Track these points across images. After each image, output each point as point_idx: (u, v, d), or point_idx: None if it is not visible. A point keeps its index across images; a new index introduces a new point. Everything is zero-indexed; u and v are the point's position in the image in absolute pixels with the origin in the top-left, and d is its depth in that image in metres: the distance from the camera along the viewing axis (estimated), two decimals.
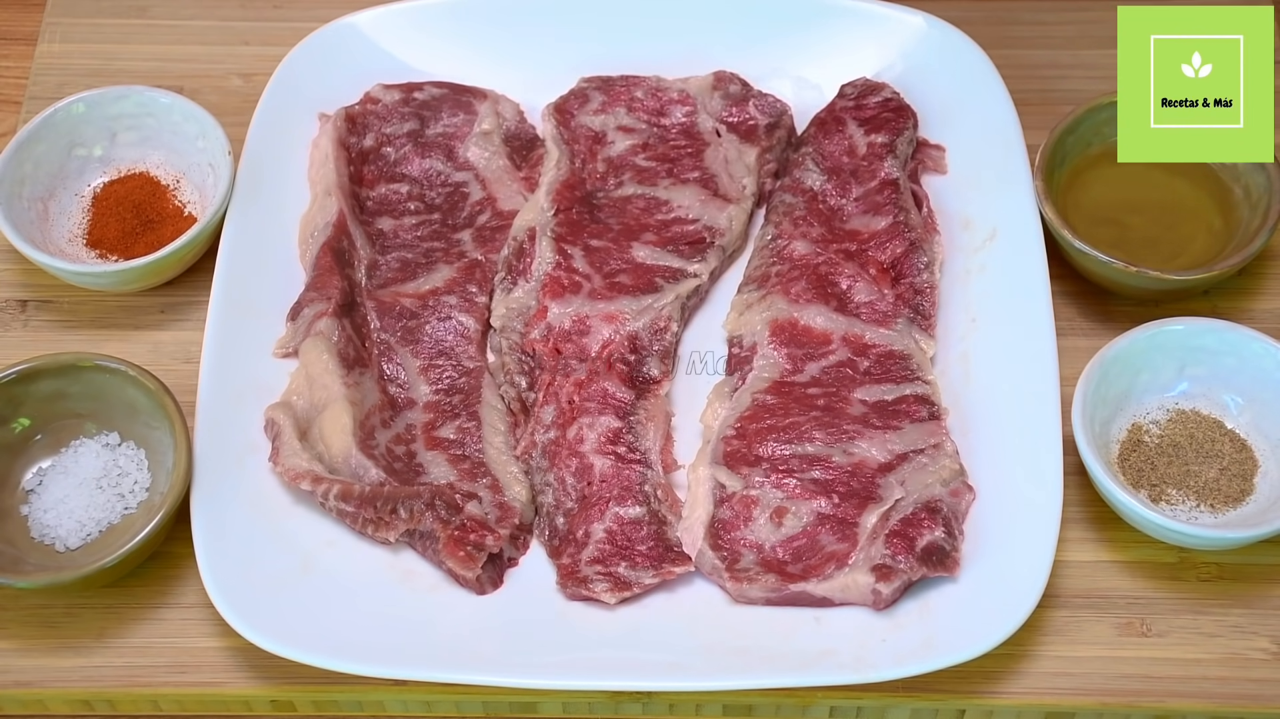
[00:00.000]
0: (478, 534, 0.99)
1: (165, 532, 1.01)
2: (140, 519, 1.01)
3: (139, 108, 1.16)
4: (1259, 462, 1.05)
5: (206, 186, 1.15)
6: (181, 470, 1.00)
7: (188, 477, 1.01)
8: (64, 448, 1.04)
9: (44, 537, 1.02)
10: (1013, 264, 1.09)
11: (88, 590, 1.02)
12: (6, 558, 1.00)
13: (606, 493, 1.02)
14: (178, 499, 1.00)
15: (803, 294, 1.09)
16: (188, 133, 1.15)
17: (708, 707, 1.02)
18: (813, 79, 1.19)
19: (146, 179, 1.16)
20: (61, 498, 1.02)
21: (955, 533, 1.00)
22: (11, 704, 1.01)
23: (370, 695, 1.00)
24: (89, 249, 1.14)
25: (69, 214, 1.15)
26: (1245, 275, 1.13)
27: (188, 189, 1.16)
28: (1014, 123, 1.14)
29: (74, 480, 1.03)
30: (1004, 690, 1.00)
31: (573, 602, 1.00)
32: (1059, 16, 1.26)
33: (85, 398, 1.04)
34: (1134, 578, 1.03)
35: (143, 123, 1.16)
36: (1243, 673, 1.00)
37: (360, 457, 1.02)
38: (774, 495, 1.02)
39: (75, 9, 1.26)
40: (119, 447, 1.04)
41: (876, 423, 1.04)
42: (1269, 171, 1.10)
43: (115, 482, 1.03)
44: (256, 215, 1.12)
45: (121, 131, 1.16)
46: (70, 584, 0.99)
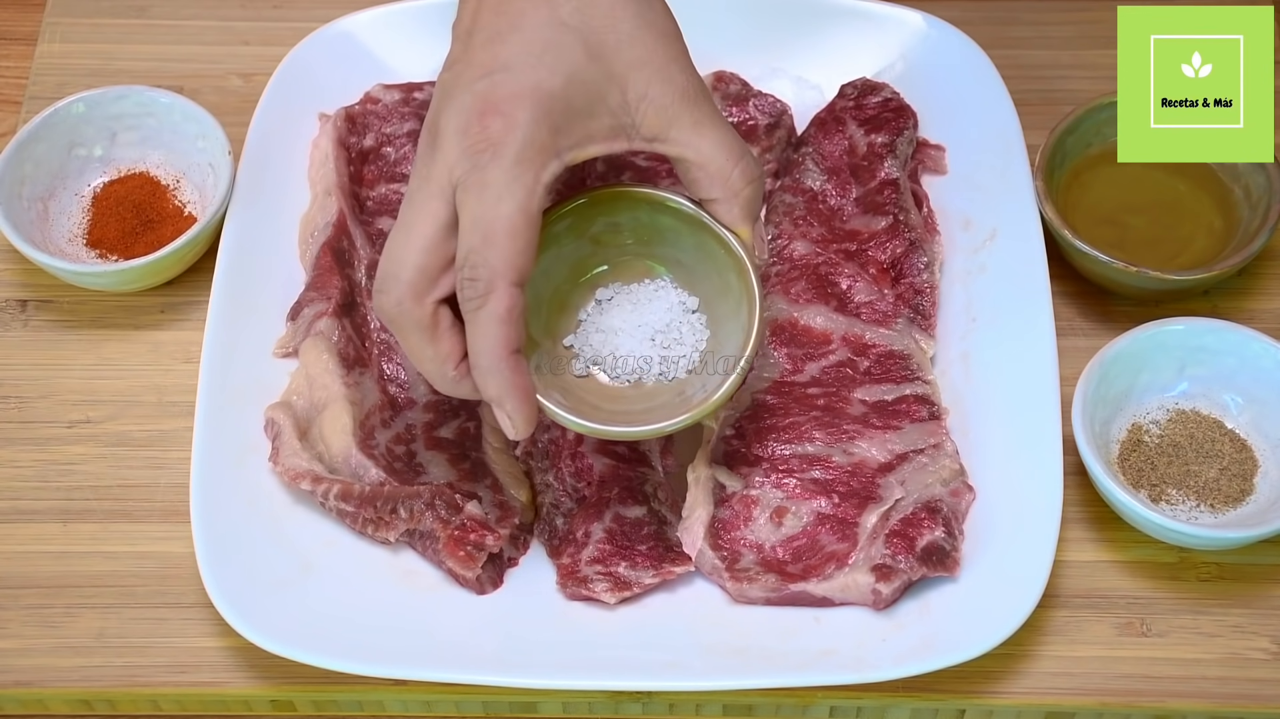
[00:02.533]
0: (478, 534, 0.99)
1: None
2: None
3: (139, 108, 1.16)
4: (1259, 462, 1.05)
5: (206, 186, 1.15)
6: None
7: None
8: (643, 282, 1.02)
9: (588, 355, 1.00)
10: (1013, 264, 1.09)
11: None
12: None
13: (606, 493, 1.02)
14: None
15: (803, 294, 1.09)
16: (188, 133, 1.15)
17: (708, 707, 1.02)
18: (813, 79, 1.19)
19: (146, 179, 1.16)
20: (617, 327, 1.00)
21: (955, 533, 1.00)
22: (11, 704, 1.01)
23: (370, 695, 1.00)
24: (89, 249, 1.14)
25: (69, 214, 1.15)
26: (1245, 275, 1.13)
27: (188, 189, 1.16)
28: (1014, 123, 1.14)
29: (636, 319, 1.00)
30: (1004, 690, 1.00)
31: (573, 602, 1.00)
32: (1059, 16, 1.26)
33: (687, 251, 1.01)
34: (1134, 578, 1.03)
35: (143, 123, 1.16)
36: (1242, 673, 1.00)
37: (360, 457, 1.02)
38: (774, 495, 1.02)
39: (75, 9, 1.26)
40: (693, 313, 1.01)
41: (876, 423, 1.04)
42: (1269, 171, 1.10)
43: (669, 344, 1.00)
44: (256, 215, 1.12)
45: (121, 131, 1.16)
46: None
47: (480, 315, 0.90)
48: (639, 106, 0.93)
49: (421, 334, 0.92)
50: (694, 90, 0.94)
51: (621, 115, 0.93)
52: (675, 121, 0.93)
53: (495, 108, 0.90)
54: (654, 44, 0.93)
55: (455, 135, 0.90)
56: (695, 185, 0.96)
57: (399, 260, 0.91)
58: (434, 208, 0.90)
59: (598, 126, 0.92)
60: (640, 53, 0.92)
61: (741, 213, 0.96)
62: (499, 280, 0.89)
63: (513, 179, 0.89)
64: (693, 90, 0.94)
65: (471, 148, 0.89)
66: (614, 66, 0.92)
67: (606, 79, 0.92)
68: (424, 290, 0.91)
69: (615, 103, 0.92)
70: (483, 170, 0.89)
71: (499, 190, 0.89)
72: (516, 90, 0.90)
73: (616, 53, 0.92)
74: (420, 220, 0.91)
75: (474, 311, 0.90)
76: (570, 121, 0.91)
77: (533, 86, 0.90)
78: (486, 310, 0.90)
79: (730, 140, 0.95)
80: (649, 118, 0.93)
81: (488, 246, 0.89)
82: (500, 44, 0.91)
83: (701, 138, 0.94)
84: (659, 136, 0.94)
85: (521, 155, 0.89)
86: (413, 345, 0.93)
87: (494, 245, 0.89)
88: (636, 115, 0.93)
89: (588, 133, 0.92)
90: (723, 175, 0.95)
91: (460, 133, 0.90)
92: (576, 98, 0.91)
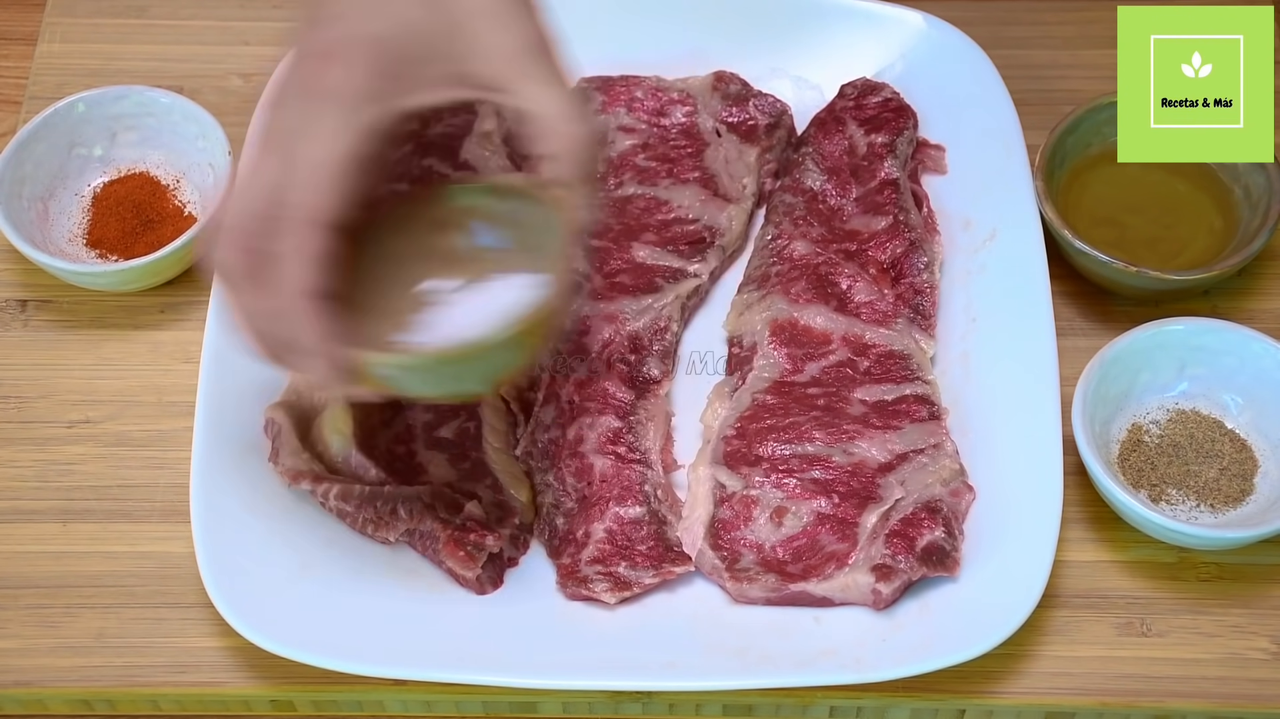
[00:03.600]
0: (478, 534, 0.99)
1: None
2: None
3: (139, 108, 1.16)
4: (1259, 462, 1.05)
5: (206, 187, 1.15)
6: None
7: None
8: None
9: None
10: (1013, 264, 1.09)
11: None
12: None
13: (606, 493, 1.02)
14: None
15: (803, 294, 1.09)
16: (188, 133, 1.15)
17: (708, 706, 1.02)
18: (813, 79, 1.19)
19: (147, 179, 1.16)
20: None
21: (955, 533, 1.00)
22: (11, 704, 1.01)
23: (370, 695, 1.00)
24: (89, 249, 1.14)
25: (69, 214, 1.15)
26: (1245, 275, 1.13)
27: (188, 189, 1.16)
28: (1014, 123, 1.14)
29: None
30: (1004, 690, 1.00)
31: (573, 602, 1.00)
32: (1059, 16, 1.26)
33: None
34: (1134, 578, 1.03)
35: (143, 122, 1.16)
36: (1242, 673, 1.00)
37: (360, 457, 1.02)
38: (774, 495, 1.02)
39: (75, 9, 1.26)
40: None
41: (876, 423, 1.04)
42: (1269, 171, 1.10)
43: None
44: None
45: (122, 131, 1.16)
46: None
47: (288, 254, 0.88)
48: (479, 53, 0.91)
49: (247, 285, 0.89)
50: (537, 44, 0.92)
51: (460, 63, 0.91)
52: (518, 73, 0.91)
53: (327, 54, 0.89)
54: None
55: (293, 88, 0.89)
56: (531, 140, 0.93)
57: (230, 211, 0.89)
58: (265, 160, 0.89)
59: (432, 73, 0.91)
60: (482, 2, 0.90)
61: (574, 169, 0.93)
62: (311, 221, 0.88)
63: (342, 125, 0.88)
64: (536, 44, 0.92)
65: (305, 93, 0.89)
66: (453, 14, 0.90)
67: (443, 27, 0.90)
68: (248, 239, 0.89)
69: (455, 50, 0.90)
70: (310, 117, 0.88)
71: (324, 135, 0.88)
72: (348, 36, 0.89)
73: (456, 1, 0.90)
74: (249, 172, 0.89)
75: (283, 252, 0.88)
76: (402, 68, 0.90)
77: (367, 35, 0.89)
78: (294, 247, 0.87)
79: (570, 100, 0.92)
80: (490, 65, 0.91)
81: (304, 187, 0.88)
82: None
83: (540, 91, 0.91)
84: (498, 86, 0.91)
85: (353, 102, 0.88)
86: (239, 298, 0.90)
87: (309, 186, 0.88)
88: (475, 63, 0.91)
89: (420, 80, 0.90)
90: (558, 131, 0.92)
91: (298, 85, 0.89)
92: (409, 45, 0.90)
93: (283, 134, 0.89)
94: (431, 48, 0.90)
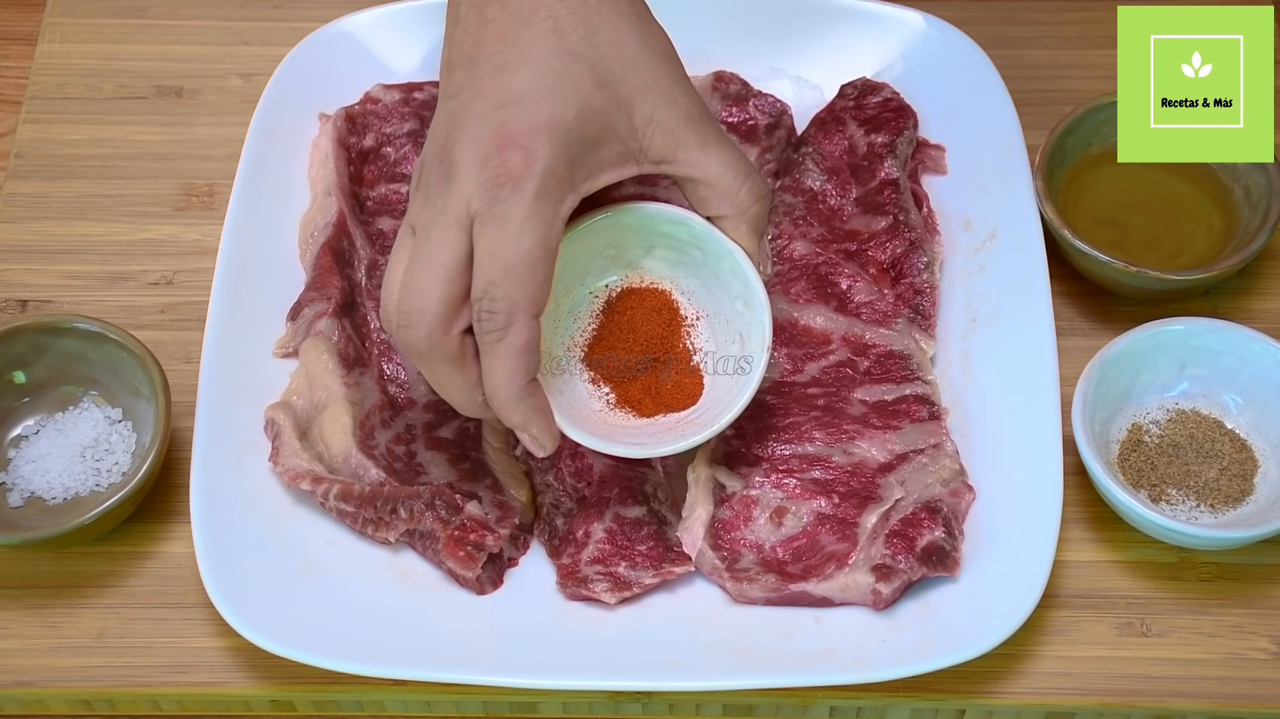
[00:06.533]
0: (478, 534, 0.99)
1: (125, 510, 1.02)
2: (105, 497, 1.01)
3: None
4: (1259, 462, 1.05)
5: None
6: (157, 448, 1.01)
7: (160, 456, 1.01)
8: (67, 409, 1.05)
9: (22, 487, 1.03)
10: (1013, 264, 1.09)
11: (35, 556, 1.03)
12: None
13: (606, 493, 1.02)
14: (145, 478, 1.01)
15: (803, 294, 1.09)
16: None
17: (708, 707, 1.02)
18: (813, 79, 1.19)
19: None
20: (45, 454, 1.03)
21: (955, 533, 1.00)
22: (11, 704, 1.01)
23: (370, 695, 1.00)
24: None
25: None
26: (1245, 275, 1.13)
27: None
28: (1014, 123, 1.14)
29: (64, 442, 1.03)
30: (1004, 690, 1.00)
31: (573, 602, 1.00)
32: (1059, 16, 1.26)
33: (99, 367, 1.05)
34: (1134, 578, 1.03)
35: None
36: (1242, 673, 1.00)
37: (360, 457, 1.02)
38: (774, 495, 1.02)
39: (75, 9, 1.26)
40: (119, 423, 1.04)
41: (876, 423, 1.04)
42: (1269, 171, 1.10)
43: (100, 455, 1.03)
44: (256, 215, 1.12)
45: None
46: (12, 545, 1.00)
47: (500, 348, 0.92)
48: (646, 130, 0.94)
49: (450, 365, 0.94)
50: (697, 111, 0.95)
51: (629, 140, 0.94)
52: (682, 143, 0.95)
53: (513, 141, 0.90)
54: (657, 68, 0.94)
55: (473, 168, 0.91)
56: (703, 204, 0.97)
57: (424, 294, 0.91)
58: (454, 239, 0.91)
59: (609, 154, 0.94)
60: (645, 77, 0.93)
61: (749, 229, 0.98)
62: (519, 314, 0.91)
63: (533, 213, 0.90)
64: (696, 111, 0.95)
65: (490, 181, 0.90)
66: (621, 92, 0.93)
67: (615, 106, 0.93)
68: (450, 322, 0.92)
69: (624, 129, 0.93)
70: (503, 204, 0.90)
71: (519, 225, 0.90)
72: (533, 123, 0.91)
73: (623, 79, 0.93)
74: (441, 252, 0.91)
75: (493, 344, 0.92)
76: (584, 152, 0.92)
77: (548, 119, 0.91)
78: (506, 343, 0.91)
79: (737, 158, 0.96)
80: (656, 141, 0.94)
81: (508, 280, 0.90)
82: (511, 74, 0.92)
83: (708, 157, 0.95)
84: (666, 159, 0.95)
85: (541, 189, 0.90)
86: (441, 376, 0.94)
87: (514, 279, 0.90)
88: (644, 139, 0.94)
89: (600, 161, 0.93)
90: (731, 193, 0.96)
91: (478, 165, 0.90)
92: (589, 128, 0.92)
93: (467, 215, 0.91)
94: (606, 128, 0.93)
